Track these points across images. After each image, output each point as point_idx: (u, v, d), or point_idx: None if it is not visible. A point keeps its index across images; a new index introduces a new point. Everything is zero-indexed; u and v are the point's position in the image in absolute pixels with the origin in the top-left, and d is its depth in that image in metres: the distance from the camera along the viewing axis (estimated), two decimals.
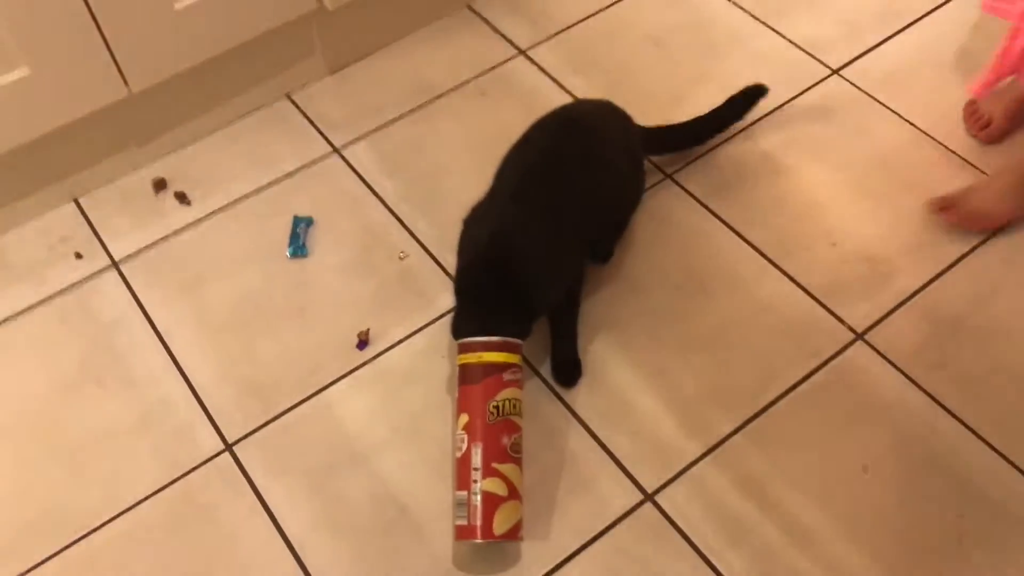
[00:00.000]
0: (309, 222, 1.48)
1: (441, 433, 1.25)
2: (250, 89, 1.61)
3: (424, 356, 1.33)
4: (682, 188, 1.51)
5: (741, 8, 1.76)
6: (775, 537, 1.15)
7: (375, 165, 1.56)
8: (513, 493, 1.12)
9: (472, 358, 1.16)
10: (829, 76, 1.64)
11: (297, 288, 1.41)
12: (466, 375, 1.17)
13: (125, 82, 1.41)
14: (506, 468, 1.12)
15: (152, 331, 1.37)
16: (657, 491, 1.19)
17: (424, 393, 1.29)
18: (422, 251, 1.45)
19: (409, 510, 1.19)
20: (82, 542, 1.18)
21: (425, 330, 1.36)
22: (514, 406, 1.15)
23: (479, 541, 1.11)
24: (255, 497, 1.21)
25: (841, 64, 1.66)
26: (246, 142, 1.60)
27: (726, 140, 1.56)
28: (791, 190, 1.50)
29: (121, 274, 1.44)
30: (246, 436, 1.26)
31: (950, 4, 1.73)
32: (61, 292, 1.42)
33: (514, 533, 1.12)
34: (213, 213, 1.51)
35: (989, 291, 1.35)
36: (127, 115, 1.48)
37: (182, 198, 1.52)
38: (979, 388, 1.26)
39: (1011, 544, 1.14)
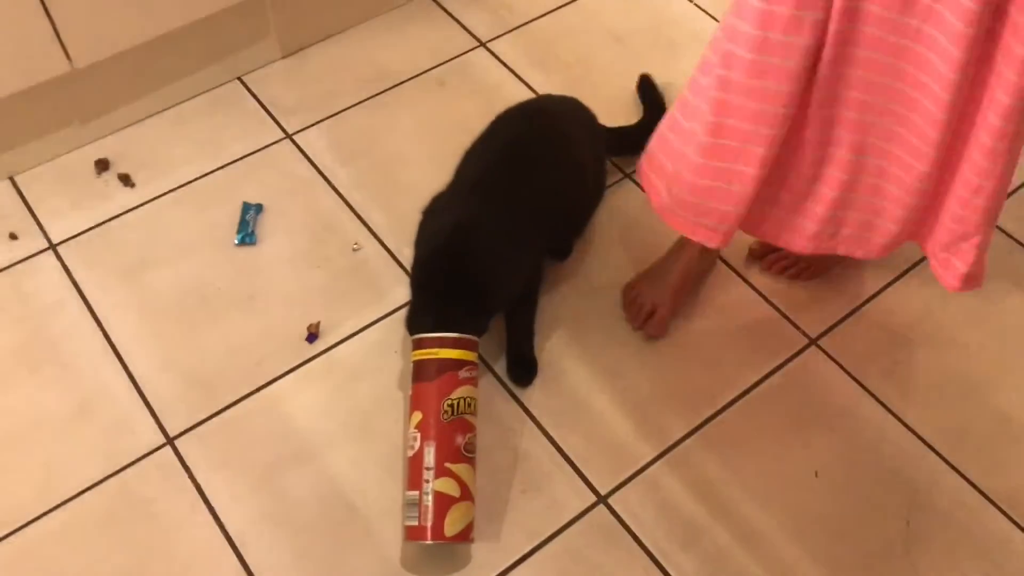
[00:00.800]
0: (259, 209, 1.44)
1: (392, 430, 1.22)
2: (200, 69, 1.56)
3: (376, 351, 1.30)
4: (641, 188, 1.50)
5: (702, 9, 1.76)
6: (726, 540, 1.15)
7: (328, 153, 1.52)
8: (465, 494, 1.09)
9: (427, 354, 1.13)
10: None
11: (245, 277, 1.37)
12: (420, 372, 1.14)
13: (68, 56, 1.34)
14: (459, 468, 1.09)
15: (91, 317, 1.32)
16: (610, 493, 1.18)
17: (375, 389, 1.26)
18: (376, 243, 1.41)
19: (357, 509, 1.16)
20: (13, 537, 1.13)
21: (378, 324, 1.33)
22: (469, 404, 1.12)
23: (429, 542, 1.09)
24: (196, 493, 1.17)
25: None
26: (195, 124, 1.55)
27: None
28: None
29: (59, 257, 1.38)
30: (189, 430, 1.22)
31: None
32: None
33: (465, 535, 1.10)
34: (158, 197, 1.45)
35: (940, 300, 1.37)
36: (69, 91, 1.42)
37: (126, 180, 1.47)
38: (929, 396, 1.28)
39: (957, 552, 1.15)
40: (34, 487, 1.17)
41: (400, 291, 1.36)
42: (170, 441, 1.21)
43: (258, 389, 1.26)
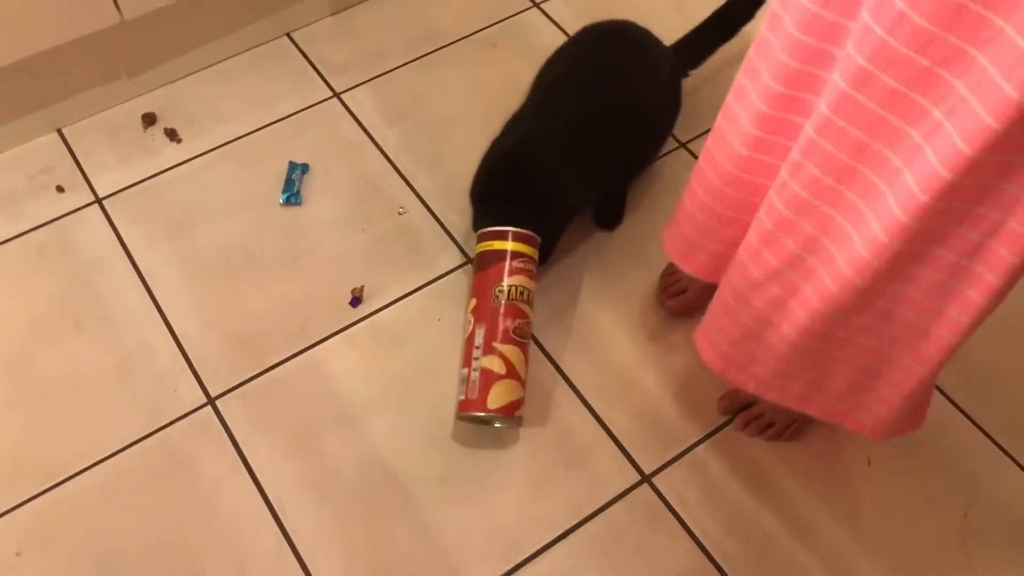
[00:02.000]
0: (305, 169, 1.41)
1: (433, 398, 1.20)
2: (249, 25, 1.53)
3: (420, 318, 1.28)
4: (695, 158, 1.45)
5: None
6: (773, 525, 1.12)
7: (376, 113, 1.49)
8: (511, 373, 1.13)
9: (484, 246, 1.20)
10: None
11: (290, 237, 1.35)
12: (479, 263, 1.20)
13: (118, 7, 1.32)
14: (506, 348, 1.14)
15: (135, 273, 1.31)
16: (655, 473, 1.16)
17: (418, 356, 1.24)
18: (422, 207, 1.39)
19: (397, 475, 1.14)
20: (55, 490, 1.13)
21: (422, 291, 1.30)
22: (520, 293, 1.17)
23: (475, 414, 1.12)
24: (236, 454, 1.16)
25: None
26: (242, 80, 1.53)
27: None
28: None
29: (104, 211, 1.37)
30: (230, 390, 1.21)
31: None
32: (40, 226, 1.35)
33: (509, 410, 1.13)
34: (204, 153, 1.44)
35: None
36: (118, 43, 1.40)
37: (172, 135, 1.45)
38: (990, 386, 1.23)
39: (1015, 548, 1.11)
40: (75, 442, 1.16)
41: (445, 257, 1.33)
42: (211, 401, 1.20)
43: (301, 352, 1.24)
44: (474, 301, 1.18)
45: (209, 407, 1.19)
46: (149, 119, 1.46)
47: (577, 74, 1.32)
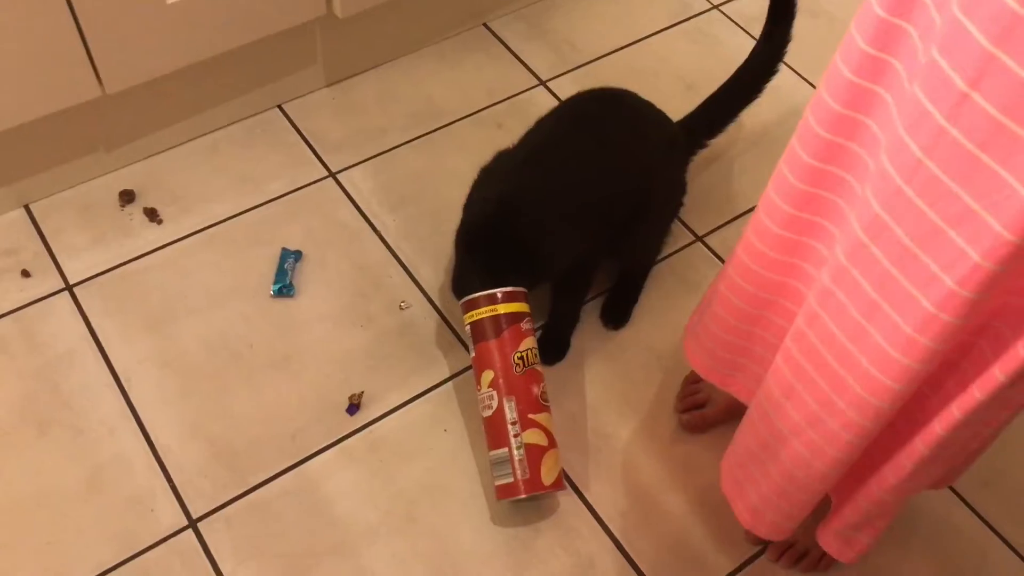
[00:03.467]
0: (298, 256, 1.31)
1: (440, 522, 1.09)
2: (239, 96, 1.43)
3: (424, 428, 1.17)
4: (713, 253, 1.37)
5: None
6: None
7: (375, 196, 1.39)
8: (552, 441, 1.08)
9: (486, 312, 1.10)
10: None
11: (281, 334, 1.24)
12: (480, 332, 1.11)
13: (99, 80, 1.21)
14: (542, 417, 1.08)
15: (109, 372, 1.18)
16: None
17: (422, 473, 1.13)
18: (425, 301, 1.28)
19: None
20: None
21: (426, 396, 1.20)
22: (536, 355, 1.12)
23: (524, 496, 1.05)
24: None
25: None
26: (230, 156, 1.42)
27: None
28: None
29: (75, 299, 1.25)
30: (214, 511, 1.09)
31: None
32: (1, 317, 1.22)
33: (559, 483, 1.08)
34: (188, 235, 1.32)
35: None
36: (96, 115, 1.29)
37: (152, 215, 1.33)
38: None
39: None
40: (36, 569, 1.03)
41: (452, 357, 1.23)
42: (193, 524, 1.08)
43: (292, 466, 1.13)
44: (490, 374, 1.09)
45: (190, 530, 1.07)
46: (127, 196, 1.34)
47: (567, 132, 1.23)
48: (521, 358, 1.09)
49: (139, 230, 1.32)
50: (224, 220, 1.34)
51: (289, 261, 1.29)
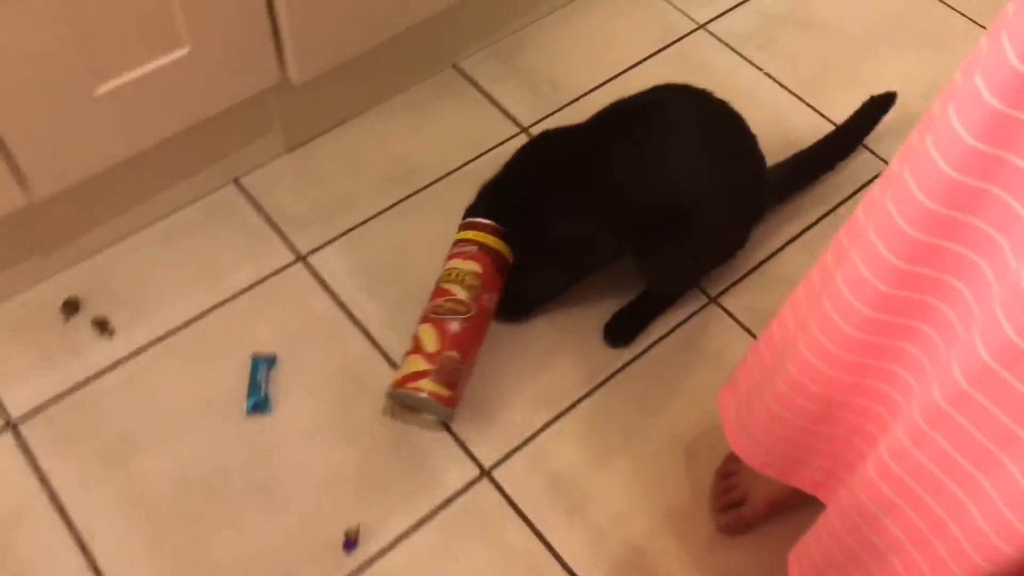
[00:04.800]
0: (271, 363, 1.16)
1: None
2: (188, 176, 1.27)
3: (432, 560, 1.04)
4: (729, 315, 1.25)
5: (775, 81, 1.50)
6: None
7: (351, 279, 1.25)
8: (416, 349, 1.11)
9: (458, 234, 1.19)
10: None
11: (260, 459, 1.09)
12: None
13: (24, 186, 1.05)
14: (421, 328, 1.13)
15: (67, 529, 1.03)
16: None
17: None
18: None
19: None
20: None
21: (432, 520, 1.06)
22: (449, 274, 1.15)
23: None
24: None
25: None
26: (184, 246, 1.26)
27: (781, 250, 1.31)
28: None
29: (20, 438, 1.09)
30: None
31: None
32: None
33: (401, 383, 1.10)
34: (144, 348, 1.17)
35: None
36: (27, 218, 1.13)
37: (102, 326, 1.18)
38: None
39: None
40: None
41: (454, 470, 1.10)
42: None
43: None
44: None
45: None
46: (71, 307, 1.19)
47: (631, 119, 1.15)
48: (448, 272, 1.15)
49: (88, 346, 1.16)
50: (185, 325, 1.19)
51: (262, 370, 1.14)
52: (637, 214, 1.12)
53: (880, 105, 1.38)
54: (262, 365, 1.15)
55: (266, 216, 1.30)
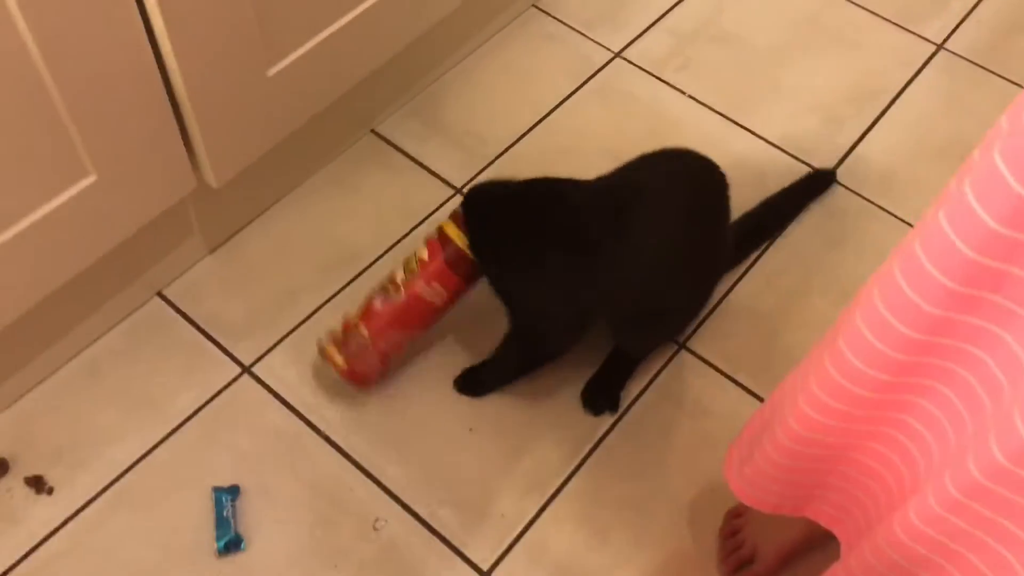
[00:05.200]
0: (234, 493, 1.07)
1: None
2: (107, 299, 1.16)
3: None
4: (700, 359, 1.21)
5: (701, 104, 1.47)
6: None
7: (305, 384, 1.16)
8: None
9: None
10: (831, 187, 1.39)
11: None
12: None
13: None
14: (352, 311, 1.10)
15: None
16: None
17: None
18: (402, 511, 1.07)
19: None
20: None
21: None
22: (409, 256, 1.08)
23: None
24: None
25: (833, 165, 1.41)
26: (115, 375, 1.15)
27: (737, 282, 1.28)
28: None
29: None
30: None
31: (927, 71, 1.52)
32: None
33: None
34: (90, 501, 1.06)
35: None
36: None
37: (38, 484, 1.06)
38: None
39: None
40: None
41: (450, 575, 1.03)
42: None
43: None
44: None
45: None
46: (1, 467, 1.07)
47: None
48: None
49: (26, 510, 1.05)
50: (130, 468, 1.08)
51: (226, 504, 1.05)
52: (617, 304, 1.08)
53: (819, 183, 1.37)
54: (226, 499, 1.05)
55: (199, 328, 1.20)
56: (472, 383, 1.16)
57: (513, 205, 1.01)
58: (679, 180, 1.09)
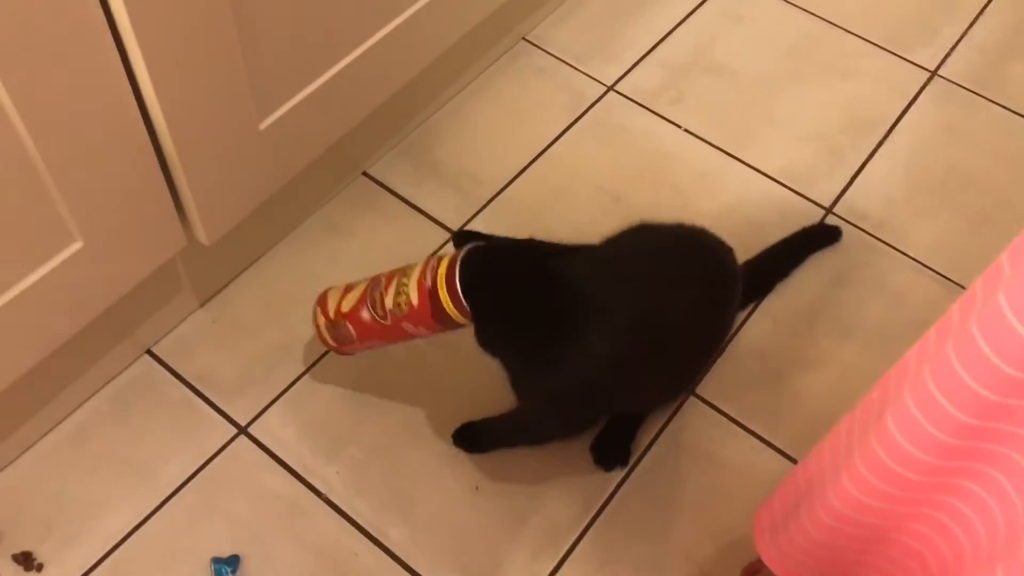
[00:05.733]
0: (234, 564, 1.02)
1: None
2: (94, 361, 1.11)
3: None
4: (712, 407, 1.18)
5: (697, 137, 1.45)
6: None
7: (303, 444, 1.12)
8: (345, 291, 1.07)
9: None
10: (824, 216, 1.37)
11: None
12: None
13: None
14: (358, 285, 1.06)
15: None
16: None
17: None
18: (405, 575, 1.04)
19: None
20: None
21: None
22: (404, 279, 1.01)
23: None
24: None
25: (832, 199, 1.39)
26: (103, 441, 1.10)
27: (743, 324, 1.25)
28: (830, 380, 1.21)
29: None
30: None
31: (921, 99, 1.51)
32: None
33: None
34: None
35: None
36: None
37: (27, 561, 1.01)
38: None
39: None
40: None
41: None
42: None
43: None
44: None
45: None
46: None
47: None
48: (406, 275, 1.01)
49: None
50: (124, 539, 1.04)
51: (226, 575, 1.01)
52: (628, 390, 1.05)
53: (825, 236, 1.34)
54: (225, 571, 1.01)
55: (191, 387, 1.15)
56: (470, 438, 1.12)
57: (521, 288, 0.93)
58: (694, 270, 1.05)
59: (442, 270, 0.97)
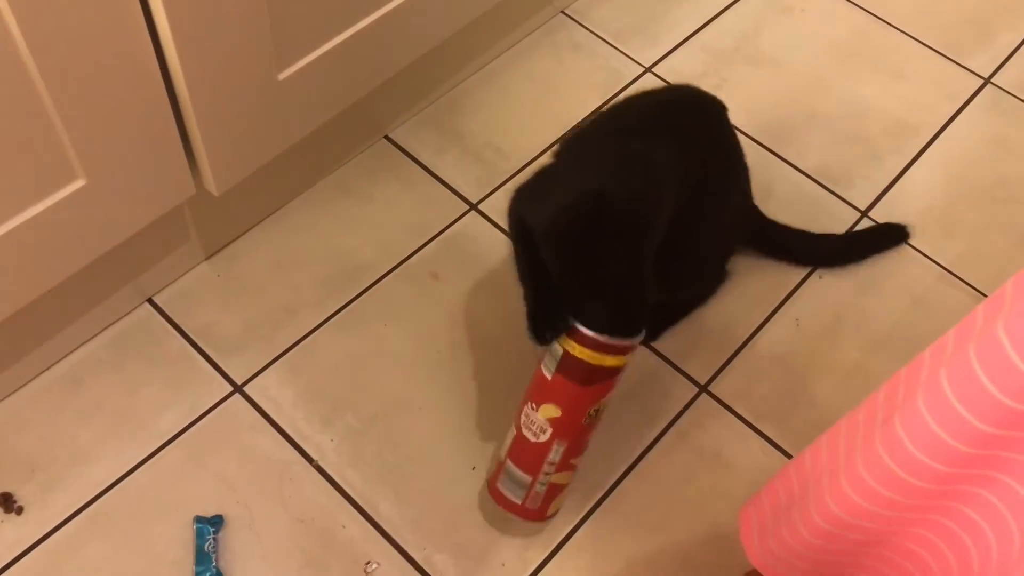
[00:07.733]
0: (218, 525, 0.99)
1: None
2: (94, 305, 1.08)
3: None
4: (722, 405, 1.14)
5: (736, 128, 1.39)
6: None
7: (299, 408, 1.09)
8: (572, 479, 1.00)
9: (589, 357, 0.90)
10: (860, 219, 1.32)
11: None
12: (570, 368, 0.91)
13: None
14: (578, 460, 0.98)
15: None
16: None
17: None
18: (396, 554, 1.00)
19: None
20: None
21: None
22: (606, 405, 0.97)
23: (518, 519, 0.98)
24: None
25: (869, 202, 1.33)
26: (97, 387, 1.08)
27: (765, 323, 1.20)
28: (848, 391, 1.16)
29: None
30: None
31: (972, 106, 1.45)
32: None
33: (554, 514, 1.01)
34: (62, 524, 0.99)
35: None
36: None
37: (6, 503, 0.99)
38: None
39: None
40: None
41: None
42: None
43: None
44: (556, 410, 0.93)
45: None
46: None
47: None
48: (596, 411, 0.95)
49: None
50: (108, 488, 1.01)
51: (208, 537, 0.98)
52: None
53: (893, 236, 1.30)
54: (207, 531, 0.98)
55: (190, 341, 1.12)
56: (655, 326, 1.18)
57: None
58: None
59: (609, 359, 0.91)
